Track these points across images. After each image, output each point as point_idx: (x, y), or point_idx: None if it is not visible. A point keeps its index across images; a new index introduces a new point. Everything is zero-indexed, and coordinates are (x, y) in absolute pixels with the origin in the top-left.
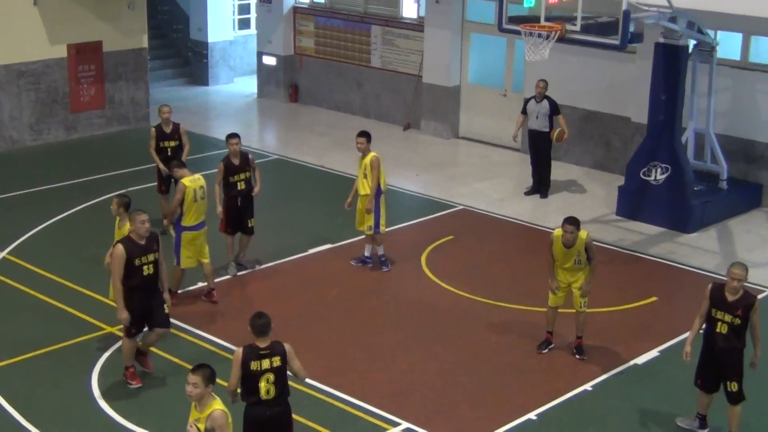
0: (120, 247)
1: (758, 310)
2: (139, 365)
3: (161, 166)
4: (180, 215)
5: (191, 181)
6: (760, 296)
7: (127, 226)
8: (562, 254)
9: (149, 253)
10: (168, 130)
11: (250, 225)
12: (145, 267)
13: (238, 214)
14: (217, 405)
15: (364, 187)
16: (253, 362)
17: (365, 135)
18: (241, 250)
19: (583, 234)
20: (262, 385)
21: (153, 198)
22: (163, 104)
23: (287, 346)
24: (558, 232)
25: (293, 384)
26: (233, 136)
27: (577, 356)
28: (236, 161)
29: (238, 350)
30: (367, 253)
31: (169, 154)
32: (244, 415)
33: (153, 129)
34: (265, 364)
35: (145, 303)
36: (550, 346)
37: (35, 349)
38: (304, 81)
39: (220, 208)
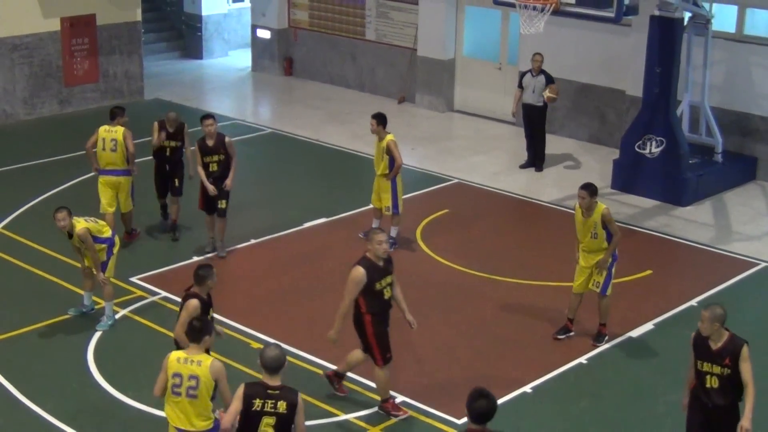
0: (360, 269)
1: (749, 359)
2: (331, 386)
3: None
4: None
5: (105, 131)
6: (754, 269)
7: (76, 237)
8: (581, 225)
9: (388, 276)
10: (172, 129)
11: (220, 206)
12: (385, 290)
13: (209, 195)
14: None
15: (381, 168)
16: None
17: (376, 117)
18: (216, 234)
19: (601, 206)
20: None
21: (148, 175)
22: (171, 111)
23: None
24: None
25: (291, 359)
26: (207, 117)
27: (593, 342)
28: (210, 142)
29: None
30: (375, 226)
31: (168, 154)
32: None
33: (156, 123)
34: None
35: (387, 328)
36: (568, 334)
37: (30, 324)
38: (299, 54)
39: (211, 187)
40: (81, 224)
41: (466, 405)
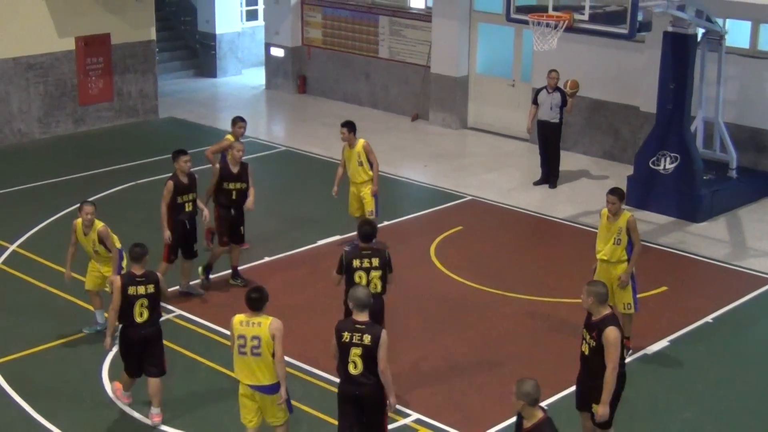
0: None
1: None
2: None
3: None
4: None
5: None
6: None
7: (94, 234)
8: (605, 230)
9: (591, 331)
10: (236, 170)
11: (195, 249)
12: (583, 345)
13: (185, 239)
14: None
15: (360, 175)
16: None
17: (346, 125)
18: (183, 278)
19: (627, 213)
20: (137, 309)
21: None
22: (237, 142)
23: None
24: (605, 209)
25: (301, 375)
26: (183, 153)
27: None
28: (185, 180)
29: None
30: None
31: (234, 197)
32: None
33: (216, 173)
34: (141, 290)
35: (587, 383)
36: None
37: (45, 342)
38: (312, 72)
39: (168, 233)
40: (100, 224)
41: (357, 230)
